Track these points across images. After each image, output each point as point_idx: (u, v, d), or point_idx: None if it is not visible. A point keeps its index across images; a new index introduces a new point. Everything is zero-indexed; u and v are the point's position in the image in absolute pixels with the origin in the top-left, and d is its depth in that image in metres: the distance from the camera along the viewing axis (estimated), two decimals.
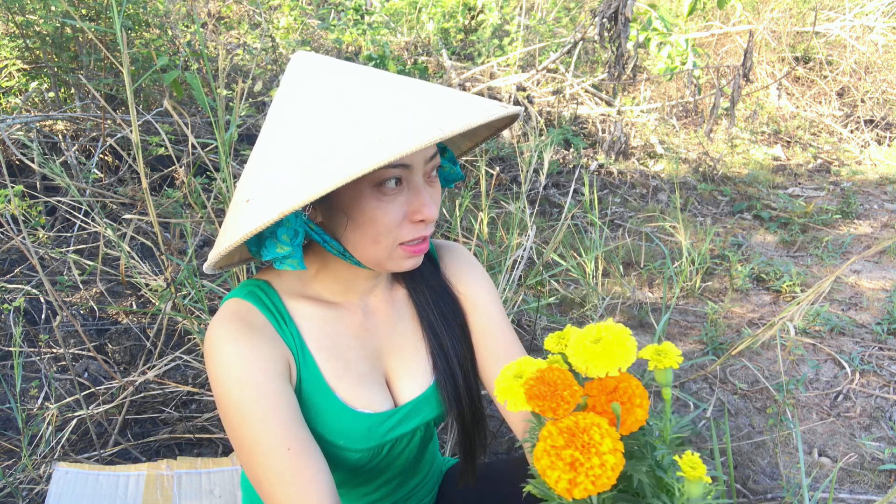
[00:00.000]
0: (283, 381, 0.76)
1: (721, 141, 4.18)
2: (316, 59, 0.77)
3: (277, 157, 0.70)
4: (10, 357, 1.72)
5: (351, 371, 0.83)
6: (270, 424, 0.72)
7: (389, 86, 0.72)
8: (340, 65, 0.76)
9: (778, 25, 4.73)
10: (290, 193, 0.64)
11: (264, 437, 0.72)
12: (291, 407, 0.75)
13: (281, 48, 3.24)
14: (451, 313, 0.91)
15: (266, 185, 0.68)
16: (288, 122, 0.72)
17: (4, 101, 2.79)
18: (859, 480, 1.56)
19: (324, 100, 0.70)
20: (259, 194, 0.68)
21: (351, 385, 0.83)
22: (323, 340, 0.82)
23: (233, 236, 0.67)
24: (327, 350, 0.82)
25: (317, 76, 0.73)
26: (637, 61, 3.04)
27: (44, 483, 1.34)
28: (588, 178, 3.35)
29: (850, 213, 3.23)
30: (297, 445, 0.72)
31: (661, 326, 1.80)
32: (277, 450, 0.72)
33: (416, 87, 0.73)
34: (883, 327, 2.17)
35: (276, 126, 0.73)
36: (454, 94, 0.76)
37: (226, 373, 0.74)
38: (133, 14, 2.78)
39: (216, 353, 0.75)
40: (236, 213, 0.71)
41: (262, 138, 0.75)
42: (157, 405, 1.60)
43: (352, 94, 0.70)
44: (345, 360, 0.83)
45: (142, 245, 2.20)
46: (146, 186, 1.26)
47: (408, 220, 0.74)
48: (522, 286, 2.11)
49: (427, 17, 3.77)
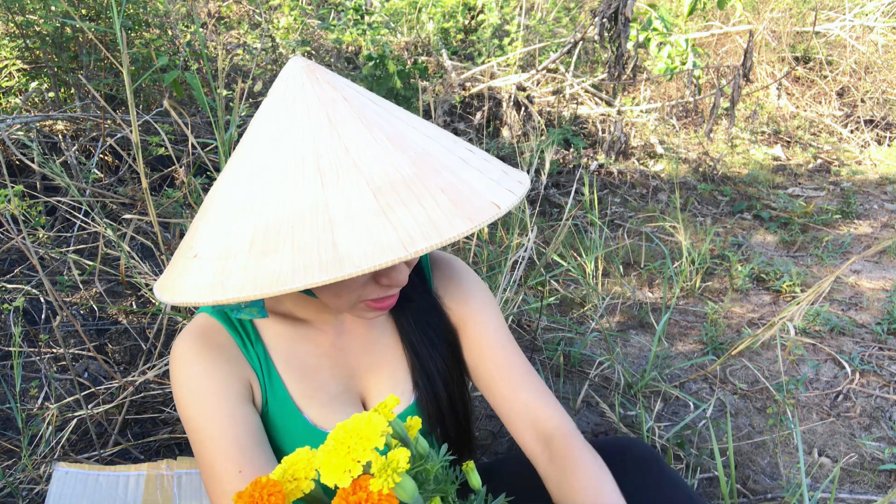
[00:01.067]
0: (242, 402, 0.75)
1: (721, 141, 4.18)
2: (308, 86, 0.66)
3: (236, 221, 0.62)
4: (10, 357, 1.72)
5: (321, 391, 0.81)
6: (224, 446, 0.71)
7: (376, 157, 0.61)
8: (333, 104, 0.65)
9: (778, 25, 4.73)
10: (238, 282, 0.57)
11: (217, 459, 0.71)
12: (249, 429, 0.73)
13: (281, 48, 3.24)
14: (436, 330, 0.87)
15: (219, 250, 0.61)
16: (256, 174, 0.63)
17: (4, 101, 2.79)
18: (859, 480, 1.56)
19: (300, 168, 0.61)
20: (210, 257, 0.61)
21: (321, 406, 0.80)
22: (291, 360, 0.80)
23: (182, 295, 0.61)
24: (296, 370, 0.80)
25: (298, 122, 0.64)
26: (637, 61, 3.04)
27: (44, 483, 1.34)
28: (588, 178, 3.35)
29: (850, 213, 3.23)
30: (250, 468, 0.71)
31: (661, 326, 1.80)
32: (229, 472, 0.70)
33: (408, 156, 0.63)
34: (883, 327, 2.17)
35: (244, 167, 0.65)
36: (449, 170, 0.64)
37: (183, 392, 0.73)
38: (133, 14, 2.78)
39: (175, 370, 0.74)
40: (185, 262, 0.64)
41: (230, 174, 0.67)
42: (157, 405, 1.60)
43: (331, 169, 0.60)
44: (315, 380, 0.81)
45: (142, 245, 2.20)
46: (146, 186, 1.27)
47: (374, 281, 0.71)
48: (523, 287, 2.11)
49: (427, 17, 3.77)
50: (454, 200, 0.60)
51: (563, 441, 0.81)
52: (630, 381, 1.81)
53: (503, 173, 0.69)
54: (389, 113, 0.68)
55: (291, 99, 0.65)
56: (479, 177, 0.66)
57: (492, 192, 0.64)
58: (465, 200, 0.61)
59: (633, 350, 2.06)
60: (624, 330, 2.17)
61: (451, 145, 0.69)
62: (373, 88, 3.01)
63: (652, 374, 1.83)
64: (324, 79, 0.66)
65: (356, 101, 0.66)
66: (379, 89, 2.98)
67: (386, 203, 0.58)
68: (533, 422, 0.84)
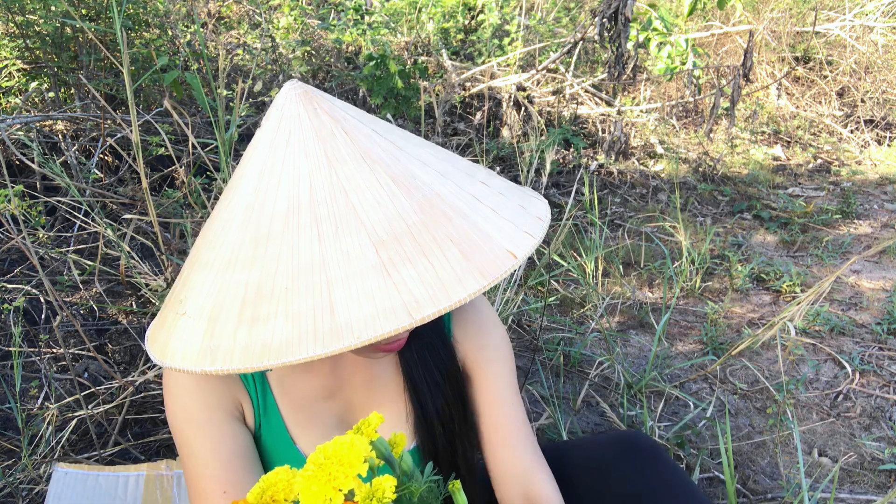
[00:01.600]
0: (233, 421, 0.73)
1: (721, 141, 4.18)
2: (305, 119, 0.61)
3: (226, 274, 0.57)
4: (10, 357, 1.72)
5: (316, 422, 0.78)
6: (209, 464, 0.70)
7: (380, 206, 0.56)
8: (332, 140, 0.60)
9: (778, 25, 4.73)
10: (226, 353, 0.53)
11: (201, 476, 0.70)
12: (237, 449, 0.72)
13: (281, 48, 3.24)
14: (441, 369, 0.82)
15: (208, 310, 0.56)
16: (247, 220, 0.58)
17: (4, 101, 2.79)
18: (859, 480, 1.56)
19: (296, 217, 0.56)
20: (198, 317, 0.57)
21: (315, 439, 0.78)
22: (289, 388, 0.78)
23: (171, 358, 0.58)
24: (292, 399, 0.78)
25: (294, 162, 0.58)
26: (637, 61, 3.04)
27: (44, 483, 1.34)
28: (588, 178, 3.35)
29: (850, 213, 3.23)
30: (235, 489, 0.69)
31: (661, 326, 1.80)
32: (213, 491, 0.69)
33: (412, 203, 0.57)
34: (883, 327, 2.17)
35: (237, 209, 0.60)
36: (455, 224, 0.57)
37: (174, 404, 0.72)
38: (133, 14, 2.78)
39: (168, 383, 0.73)
40: (174, 318, 0.60)
41: (224, 212, 0.61)
42: (157, 405, 1.60)
43: (329, 219, 0.55)
44: (311, 411, 0.78)
45: (142, 245, 2.20)
46: (146, 186, 1.27)
47: None
48: (523, 287, 2.11)
49: (427, 17, 3.77)
50: (465, 253, 0.54)
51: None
52: (630, 381, 1.81)
53: (521, 209, 0.63)
54: (395, 146, 0.62)
55: (286, 133, 0.60)
56: (494, 219, 0.59)
57: (507, 238, 0.58)
58: (477, 251, 0.55)
59: (633, 350, 2.06)
60: (624, 330, 2.17)
61: (463, 181, 0.63)
62: (373, 88, 3.01)
63: (652, 374, 1.83)
64: (322, 108, 0.61)
65: (358, 135, 0.60)
66: (379, 89, 2.98)
67: (389, 259, 0.53)
68: (523, 489, 0.82)
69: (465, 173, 0.64)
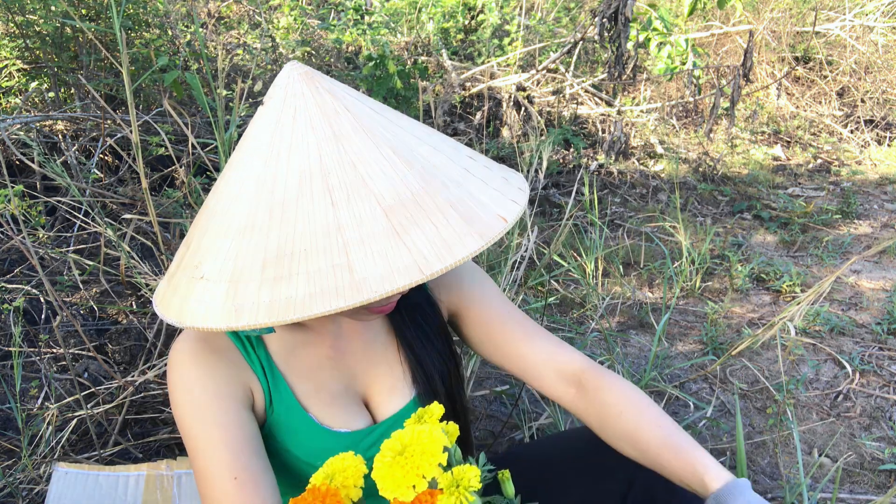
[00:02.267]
0: (240, 407, 0.74)
1: (721, 141, 4.18)
2: (309, 96, 0.65)
3: (243, 240, 0.60)
4: (10, 357, 1.72)
5: (323, 390, 0.81)
6: (218, 451, 0.71)
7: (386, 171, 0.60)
8: (336, 116, 0.64)
9: (778, 25, 4.73)
10: (252, 309, 0.56)
11: (211, 464, 0.71)
12: (246, 435, 0.73)
13: (281, 48, 3.24)
14: (431, 324, 0.88)
15: (228, 273, 0.59)
16: (260, 189, 0.62)
17: (4, 101, 2.79)
18: (859, 480, 1.56)
19: (308, 185, 0.60)
20: (218, 280, 0.60)
21: (324, 404, 0.81)
22: (293, 362, 0.80)
23: (192, 318, 0.61)
24: (298, 372, 0.80)
25: (303, 136, 0.62)
26: (637, 61, 3.04)
27: (44, 483, 1.34)
28: (588, 178, 3.35)
29: (850, 213, 3.23)
30: (245, 476, 0.70)
31: (661, 326, 1.80)
32: (223, 478, 0.70)
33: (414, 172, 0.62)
34: (883, 327, 2.17)
35: (247, 180, 0.63)
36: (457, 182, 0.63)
37: (179, 395, 0.73)
38: (133, 14, 2.78)
39: (173, 372, 0.74)
40: (190, 282, 0.63)
41: (231, 186, 0.65)
42: (157, 405, 1.60)
43: (340, 187, 0.59)
44: (316, 381, 0.81)
45: (142, 245, 2.20)
46: (146, 186, 1.27)
47: None
48: (523, 287, 2.11)
49: (427, 17, 3.77)
50: (464, 217, 0.60)
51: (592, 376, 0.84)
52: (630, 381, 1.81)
53: (504, 181, 0.69)
54: (391, 122, 0.67)
55: (292, 109, 0.64)
56: (484, 188, 0.66)
57: (497, 205, 0.64)
58: (474, 216, 0.61)
59: (633, 350, 2.06)
60: (624, 330, 2.17)
61: (453, 154, 0.69)
62: (373, 88, 3.00)
63: (652, 374, 1.83)
64: (323, 87, 0.65)
65: (358, 111, 0.65)
66: (379, 89, 2.98)
67: (398, 222, 0.58)
68: (557, 370, 0.87)
69: (452, 148, 0.70)
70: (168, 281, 0.69)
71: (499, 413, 1.71)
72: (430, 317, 0.89)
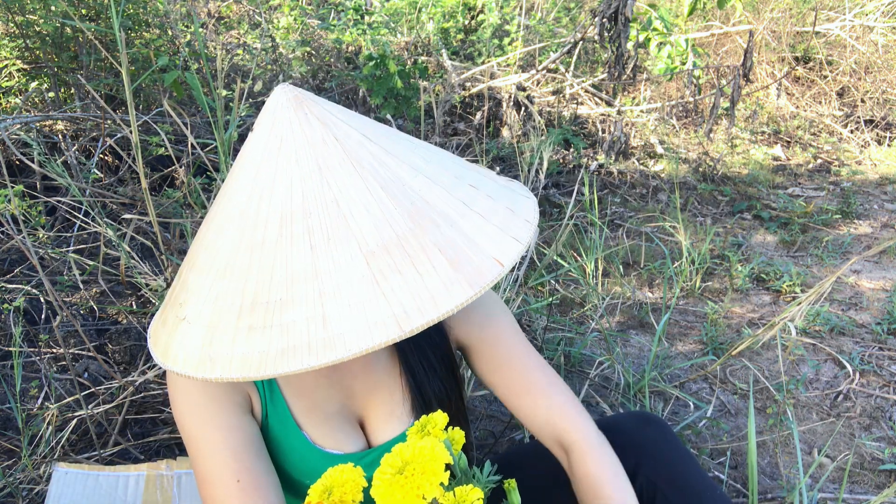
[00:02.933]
0: (241, 412, 0.74)
1: (721, 141, 4.18)
2: (297, 126, 0.62)
3: (224, 282, 0.59)
4: (10, 357, 1.72)
5: (318, 409, 0.81)
6: (221, 454, 0.71)
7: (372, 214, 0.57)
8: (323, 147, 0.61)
9: (778, 25, 4.73)
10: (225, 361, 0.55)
11: (214, 467, 0.71)
12: (247, 438, 0.73)
13: (281, 48, 3.24)
14: (436, 353, 0.86)
15: (207, 318, 0.58)
16: (242, 226, 0.60)
17: (4, 101, 2.79)
18: (859, 480, 1.56)
19: (289, 226, 0.58)
20: (198, 324, 0.59)
21: (319, 423, 0.80)
22: (291, 379, 0.80)
23: (173, 363, 0.60)
24: (295, 388, 0.80)
25: (286, 170, 0.60)
26: (637, 61, 3.04)
27: (44, 483, 1.34)
28: (588, 178, 3.35)
29: (850, 213, 3.23)
30: (247, 478, 0.70)
31: (661, 326, 1.80)
32: (226, 481, 0.70)
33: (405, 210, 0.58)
34: (883, 327, 2.17)
35: (232, 214, 0.61)
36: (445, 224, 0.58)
37: (181, 398, 0.73)
38: (133, 14, 2.78)
39: (174, 378, 0.74)
40: (175, 322, 0.62)
41: (219, 216, 0.63)
42: (157, 405, 1.60)
43: (320, 229, 0.57)
44: (312, 399, 0.81)
45: (142, 245, 2.20)
46: (146, 186, 1.27)
47: None
48: (523, 287, 2.11)
49: (427, 17, 3.77)
50: (452, 261, 0.55)
51: (580, 456, 0.81)
52: (630, 381, 1.81)
53: (509, 213, 0.63)
54: (385, 151, 0.63)
55: (278, 139, 0.61)
56: (482, 224, 0.60)
57: (494, 245, 0.59)
58: (465, 260, 0.56)
59: (633, 350, 2.06)
60: (624, 330, 2.17)
61: (452, 184, 0.63)
62: (373, 88, 3.00)
63: (652, 374, 1.83)
64: (313, 113, 0.62)
65: (348, 142, 0.61)
66: (379, 89, 2.98)
67: (378, 269, 0.54)
68: (553, 434, 0.84)
69: (455, 176, 0.65)
70: (161, 313, 0.68)
71: (499, 413, 1.71)
72: (436, 344, 0.86)
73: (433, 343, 0.86)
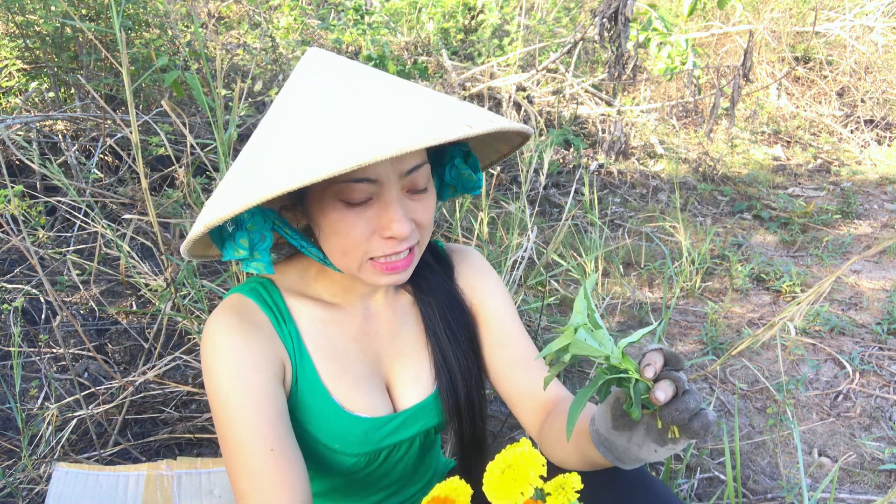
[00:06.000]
0: (275, 380, 0.75)
1: (721, 141, 4.18)
2: (320, 60, 0.73)
3: (242, 156, 0.70)
4: (10, 357, 1.72)
5: (348, 373, 0.82)
6: (257, 422, 0.71)
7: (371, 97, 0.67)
8: (339, 69, 0.72)
9: (778, 25, 4.73)
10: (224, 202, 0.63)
11: (249, 435, 0.71)
12: (280, 408, 0.74)
13: (281, 48, 3.24)
14: (459, 324, 0.90)
15: (225, 188, 0.67)
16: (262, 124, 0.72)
17: (4, 101, 2.79)
18: (859, 480, 1.56)
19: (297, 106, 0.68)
20: (217, 195, 0.68)
21: (348, 388, 0.81)
22: (321, 341, 0.81)
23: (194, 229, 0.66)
24: (325, 351, 0.81)
25: (304, 78, 0.71)
26: (637, 61, 3.04)
27: (44, 483, 1.34)
28: (588, 178, 3.35)
29: (850, 213, 3.23)
30: (280, 448, 0.71)
31: (662, 326, 1.80)
32: (261, 449, 0.70)
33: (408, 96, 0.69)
34: (883, 327, 2.17)
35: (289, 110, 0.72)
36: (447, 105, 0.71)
37: (217, 365, 0.73)
38: (133, 14, 2.78)
39: (210, 344, 0.74)
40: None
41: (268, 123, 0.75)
42: (157, 405, 1.60)
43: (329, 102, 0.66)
44: (342, 363, 0.82)
45: (142, 245, 2.20)
46: (146, 186, 1.27)
47: (377, 234, 0.70)
48: (523, 287, 2.11)
49: (427, 17, 3.77)
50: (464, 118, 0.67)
51: (565, 404, 0.85)
52: None
53: (490, 115, 0.74)
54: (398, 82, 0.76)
55: (329, 65, 0.73)
56: (476, 110, 0.74)
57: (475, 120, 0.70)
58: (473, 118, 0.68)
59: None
60: (624, 330, 2.17)
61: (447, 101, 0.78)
62: None
63: None
64: (343, 59, 0.76)
65: (373, 74, 0.74)
66: None
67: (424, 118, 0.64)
68: (536, 402, 0.88)
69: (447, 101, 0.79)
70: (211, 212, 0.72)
71: (499, 413, 1.71)
72: (457, 315, 0.90)
73: (455, 314, 0.90)
